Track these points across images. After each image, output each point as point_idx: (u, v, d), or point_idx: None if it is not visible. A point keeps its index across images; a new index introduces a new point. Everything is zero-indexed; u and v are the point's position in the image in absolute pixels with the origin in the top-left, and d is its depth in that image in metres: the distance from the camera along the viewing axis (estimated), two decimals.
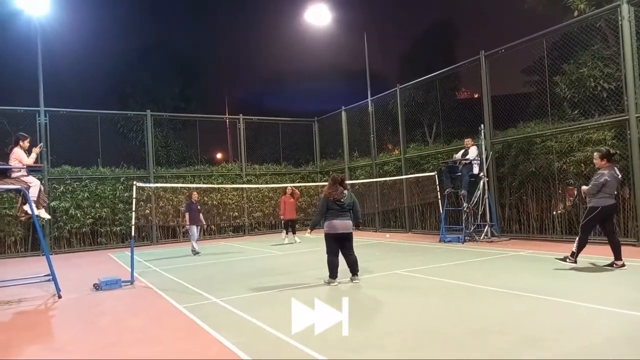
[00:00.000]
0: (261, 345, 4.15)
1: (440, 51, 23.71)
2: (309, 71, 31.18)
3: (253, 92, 32.34)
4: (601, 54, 10.28)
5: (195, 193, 12.56)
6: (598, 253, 8.47)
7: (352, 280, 6.76)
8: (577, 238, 7.04)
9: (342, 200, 6.75)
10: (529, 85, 12.86)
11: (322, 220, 6.88)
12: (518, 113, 11.80)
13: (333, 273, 6.73)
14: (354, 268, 6.81)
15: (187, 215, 12.07)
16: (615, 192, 6.92)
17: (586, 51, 10.44)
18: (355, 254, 6.92)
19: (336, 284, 6.66)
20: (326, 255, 6.81)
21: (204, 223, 12.66)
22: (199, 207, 12.30)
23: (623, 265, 6.82)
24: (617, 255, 6.88)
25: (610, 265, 6.91)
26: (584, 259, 7.92)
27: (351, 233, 6.86)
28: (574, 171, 10.14)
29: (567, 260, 7.06)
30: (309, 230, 7.45)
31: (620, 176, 7.03)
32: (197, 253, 11.64)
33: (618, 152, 8.33)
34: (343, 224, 6.71)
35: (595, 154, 7.16)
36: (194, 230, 11.93)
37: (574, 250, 7.00)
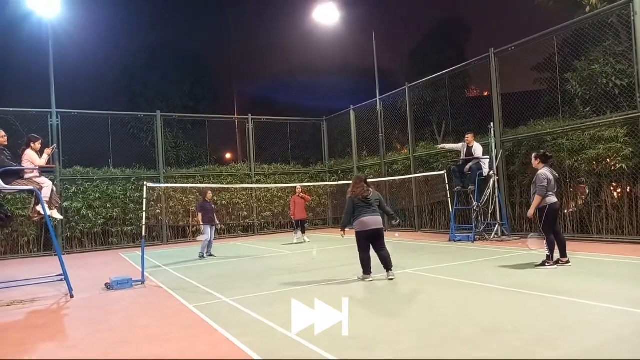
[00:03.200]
0: (271, 344, 4.17)
1: (449, 49, 23.57)
2: (317, 70, 31.10)
3: (262, 90, 32.34)
4: (613, 50, 10.15)
5: (209, 192, 12.17)
6: (604, 251, 8.39)
7: (387, 277, 6.77)
8: (545, 241, 7.20)
9: (369, 197, 6.84)
10: (540, 82, 12.73)
11: (351, 219, 6.93)
12: (528, 111, 11.69)
13: (367, 269, 6.81)
14: (387, 264, 6.82)
15: (199, 215, 11.40)
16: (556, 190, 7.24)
17: (598, 47, 10.31)
18: (365, 253, 6.92)
19: (371, 279, 6.73)
20: (358, 253, 6.87)
21: (218, 222, 12.34)
22: (213, 206, 11.86)
23: (568, 261, 7.13)
24: (563, 253, 7.18)
25: (556, 262, 7.14)
26: (592, 257, 7.85)
27: (382, 229, 6.90)
28: (585, 169, 10.03)
29: (547, 264, 7.11)
30: (341, 232, 7.30)
31: (557, 175, 7.38)
32: (204, 256, 10.98)
33: (552, 155, 8.37)
34: (374, 220, 6.76)
35: (532, 155, 7.55)
36: (208, 230, 11.22)
37: (548, 254, 7.15)
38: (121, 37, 28.08)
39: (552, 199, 7.12)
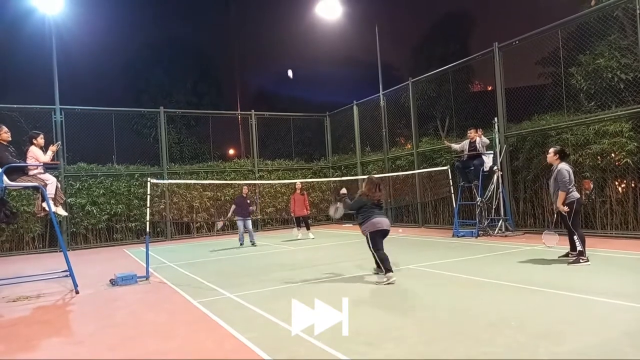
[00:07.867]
0: (274, 340, 4.19)
1: (453, 43, 23.45)
2: (320, 65, 31.08)
3: (265, 86, 32.35)
4: (618, 44, 10.07)
5: (245, 187, 13.07)
6: (608, 247, 8.37)
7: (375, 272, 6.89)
8: (576, 237, 7.04)
9: (382, 202, 6.94)
10: (544, 77, 12.66)
11: (357, 216, 6.90)
12: (532, 105, 11.63)
13: (389, 266, 6.53)
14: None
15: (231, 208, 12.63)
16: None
17: (603, 41, 10.23)
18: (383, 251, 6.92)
19: (394, 278, 6.44)
20: (375, 253, 6.66)
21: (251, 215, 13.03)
22: (248, 201, 12.67)
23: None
24: (573, 247, 7.19)
25: (566, 255, 7.27)
26: (597, 253, 7.83)
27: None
28: (590, 164, 9.98)
29: (581, 261, 6.90)
30: (335, 207, 7.46)
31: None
32: (243, 244, 12.32)
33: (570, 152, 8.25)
34: (387, 221, 6.82)
35: (551, 150, 7.42)
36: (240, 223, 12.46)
37: (581, 249, 6.96)
38: (124, 34, 28.07)
39: (576, 193, 7.05)
